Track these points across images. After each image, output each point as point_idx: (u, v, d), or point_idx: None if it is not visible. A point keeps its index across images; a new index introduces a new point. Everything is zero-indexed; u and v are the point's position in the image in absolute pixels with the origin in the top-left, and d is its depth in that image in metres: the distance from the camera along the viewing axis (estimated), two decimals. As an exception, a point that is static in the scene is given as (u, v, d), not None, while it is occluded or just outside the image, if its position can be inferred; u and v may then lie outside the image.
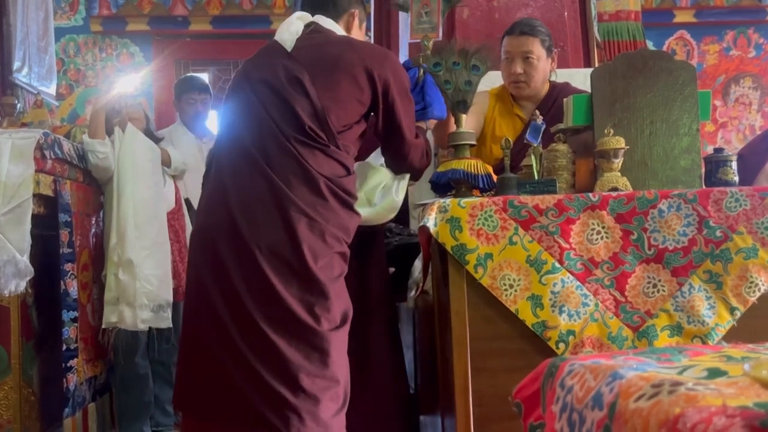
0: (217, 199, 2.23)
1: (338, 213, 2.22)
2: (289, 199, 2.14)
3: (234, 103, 2.39)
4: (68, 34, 6.15)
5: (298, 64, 2.29)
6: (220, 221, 2.19)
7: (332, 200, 2.21)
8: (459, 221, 2.19)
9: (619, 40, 4.75)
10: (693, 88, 2.39)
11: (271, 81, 2.28)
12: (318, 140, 2.21)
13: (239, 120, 2.32)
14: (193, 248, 2.35)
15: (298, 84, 2.25)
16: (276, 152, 2.20)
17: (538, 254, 2.20)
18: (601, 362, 1.29)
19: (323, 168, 2.21)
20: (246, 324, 2.10)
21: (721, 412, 0.90)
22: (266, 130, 2.23)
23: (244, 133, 2.26)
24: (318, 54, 2.31)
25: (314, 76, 2.26)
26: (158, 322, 3.49)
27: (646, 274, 2.22)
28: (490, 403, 2.17)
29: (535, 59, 2.97)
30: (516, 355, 2.19)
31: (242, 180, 2.20)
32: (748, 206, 2.24)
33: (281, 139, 2.20)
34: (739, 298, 2.22)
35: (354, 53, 2.31)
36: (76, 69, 6.15)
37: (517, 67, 2.95)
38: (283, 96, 2.24)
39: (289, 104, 2.23)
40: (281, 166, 2.18)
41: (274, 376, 2.06)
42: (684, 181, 2.36)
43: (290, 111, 2.23)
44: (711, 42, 6.48)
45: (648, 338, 2.20)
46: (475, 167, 2.40)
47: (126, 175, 3.47)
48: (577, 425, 1.24)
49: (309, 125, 2.20)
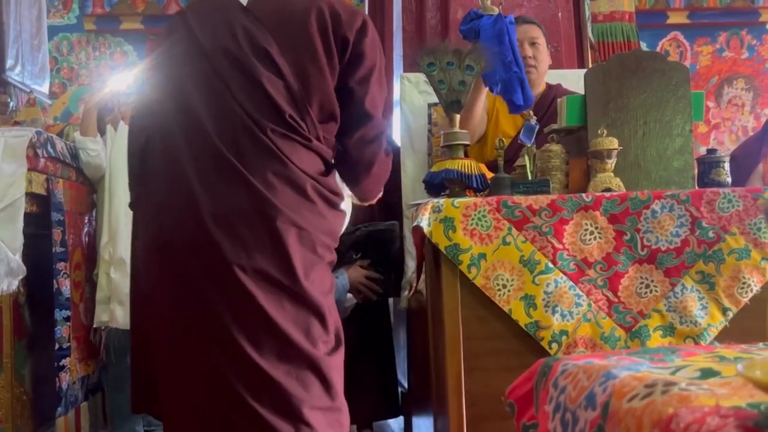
0: (181, 206, 1.82)
1: (326, 217, 1.91)
2: (273, 207, 1.78)
3: (179, 72, 1.91)
4: (61, 33, 6.12)
5: (260, 25, 1.88)
6: (190, 235, 1.80)
7: (320, 203, 1.89)
8: (452, 221, 2.19)
9: (613, 41, 4.75)
10: (686, 89, 2.40)
11: (233, 51, 1.86)
12: (299, 132, 1.86)
13: (195, 102, 1.86)
14: (148, 267, 1.89)
15: (265, 57, 1.85)
16: (251, 149, 1.81)
17: (531, 254, 2.20)
18: (595, 362, 1.29)
19: (307, 166, 1.87)
20: (236, 357, 1.75)
21: (714, 412, 0.90)
22: (236, 120, 1.82)
23: (206, 122, 1.83)
24: (279, 11, 1.91)
25: (281, 43, 1.87)
26: None
27: (639, 275, 2.23)
28: (483, 403, 2.17)
29: (541, 45, 3.09)
30: (509, 355, 2.19)
31: (213, 184, 1.80)
32: (741, 207, 2.24)
33: (256, 132, 1.81)
34: (732, 299, 2.22)
35: (322, 11, 1.90)
36: (70, 67, 6.13)
37: (527, 50, 3.00)
38: (252, 74, 1.84)
39: (261, 86, 1.83)
40: (259, 167, 1.80)
41: (273, 413, 1.75)
42: (677, 182, 2.37)
43: (263, 94, 1.83)
44: (704, 43, 6.49)
45: (641, 338, 2.21)
46: (469, 167, 2.40)
47: (118, 174, 3.45)
48: (570, 425, 1.24)
49: (289, 113, 1.84)
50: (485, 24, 2.55)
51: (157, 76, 1.97)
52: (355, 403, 3.27)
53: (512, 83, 2.52)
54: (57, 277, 3.13)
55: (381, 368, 3.36)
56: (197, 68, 1.87)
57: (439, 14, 3.58)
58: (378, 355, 3.36)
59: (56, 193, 3.17)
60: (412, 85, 3.27)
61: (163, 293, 1.83)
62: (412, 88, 3.27)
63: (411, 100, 3.28)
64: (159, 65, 1.97)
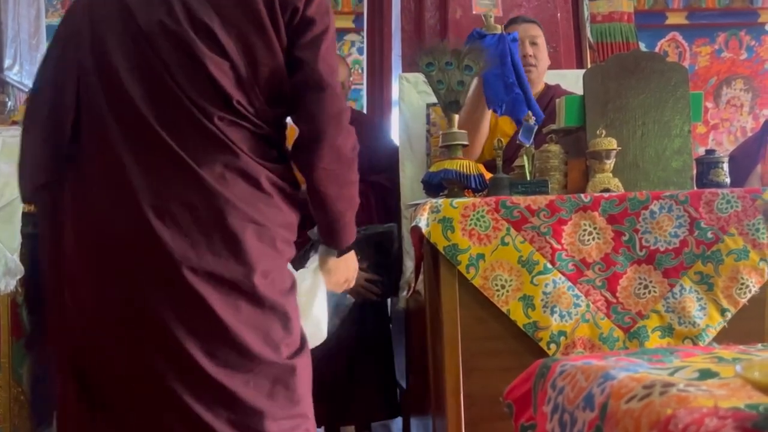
0: (117, 200, 1.61)
1: (283, 210, 1.72)
2: (227, 202, 1.60)
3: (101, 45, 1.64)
4: (60, 32, 6.13)
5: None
6: (131, 233, 1.59)
7: (276, 195, 1.70)
8: (451, 221, 2.19)
9: (612, 42, 4.76)
10: (685, 89, 2.40)
11: (170, 26, 1.61)
12: (249, 118, 1.66)
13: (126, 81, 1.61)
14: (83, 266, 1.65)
15: (206, 33, 1.62)
16: (197, 139, 1.61)
17: (530, 255, 2.20)
18: (593, 363, 1.29)
19: (260, 155, 1.69)
20: (187, 369, 1.57)
21: (713, 413, 0.90)
22: (177, 105, 1.60)
23: (141, 105, 1.60)
24: None
25: (223, 16, 1.64)
26: None
27: (638, 275, 2.23)
28: (482, 404, 2.17)
29: (541, 45, 3.08)
30: (507, 356, 2.19)
31: (156, 177, 1.59)
32: (740, 208, 2.24)
33: (201, 120, 1.60)
34: (730, 300, 2.22)
35: None
36: (68, 67, 6.14)
37: (528, 49, 3.00)
38: (193, 53, 1.60)
39: (204, 67, 1.60)
40: (207, 158, 1.60)
41: (231, 428, 1.59)
42: (675, 183, 2.37)
43: (206, 77, 1.61)
44: (703, 44, 6.50)
45: (639, 339, 2.20)
46: (468, 167, 2.40)
47: None
48: (568, 426, 1.24)
49: (237, 99, 1.63)
50: (488, 45, 2.55)
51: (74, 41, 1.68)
52: (353, 403, 3.30)
53: (517, 104, 2.52)
54: (55, 276, 3.12)
55: (380, 368, 3.36)
56: (129, 45, 1.62)
57: (438, 14, 3.58)
58: (377, 355, 3.35)
59: (54, 193, 3.16)
60: (410, 85, 3.26)
61: (100, 300, 1.62)
62: (410, 88, 3.27)
63: (410, 100, 3.28)
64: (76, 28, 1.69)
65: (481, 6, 2.99)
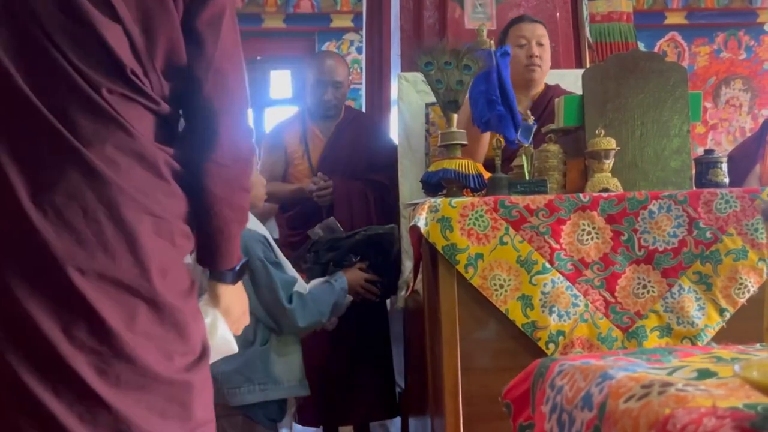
0: None
1: (181, 199, 1.49)
2: (120, 191, 1.37)
3: None
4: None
5: None
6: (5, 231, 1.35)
7: (173, 182, 1.47)
8: (450, 221, 2.19)
9: (611, 42, 4.76)
10: (684, 89, 2.40)
11: None
12: (144, 92, 1.44)
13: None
14: None
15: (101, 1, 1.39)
16: (83, 114, 1.37)
17: (528, 254, 2.20)
18: (591, 362, 1.29)
19: (158, 137, 1.47)
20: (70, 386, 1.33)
21: (711, 413, 0.90)
22: (60, 75, 1.36)
23: (16, 75, 1.35)
24: None
25: None
26: None
27: (636, 275, 2.23)
28: (480, 403, 2.17)
29: (546, 45, 3.06)
30: (506, 356, 2.19)
31: (36, 164, 1.35)
32: (738, 208, 2.24)
33: (88, 92, 1.37)
34: (729, 300, 2.22)
35: None
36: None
37: (534, 50, 2.99)
38: (79, 14, 1.37)
39: (93, 30, 1.37)
40: (96, 138, 1.37)
41: None
42: (674, 182, 2.37)
43: (96, 42, 1.38)
44: (702, 44, 6.50)
45: (637, 339, 2.20)
46: (466, 167, 2.39)
47: None
48: (566, 426, 1.24)
49: (130, 68, 1.41)
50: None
51: None
52: (352, 403, 3.30)
53: (501, 120, 2.51)
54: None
55: (378, 368, 3.36)
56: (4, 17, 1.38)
57: (437, 13, 3.57)
58: (376, 355, 3.36)
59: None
60: (409, 85, 3.26)
61: None
62: (409, 88, 3.27)
63: (409, 99, 3.28)
64: None
65: (474, 20, 2.99)
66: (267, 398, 2.42)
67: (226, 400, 2.37)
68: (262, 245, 2.44)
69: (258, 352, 2.42)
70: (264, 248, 2.44)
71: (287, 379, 2.47)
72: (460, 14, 3.57)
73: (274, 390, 2.43)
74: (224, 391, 2.36)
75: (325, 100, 3.48)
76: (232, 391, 2.37)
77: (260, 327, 2.43)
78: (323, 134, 3.55)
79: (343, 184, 3.40)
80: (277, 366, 2.45)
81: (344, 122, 3.57)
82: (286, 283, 2.45)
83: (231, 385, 2.37)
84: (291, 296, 2.43)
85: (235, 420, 2.41)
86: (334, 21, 6.38)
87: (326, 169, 3.45)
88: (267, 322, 2.44)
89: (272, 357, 2.45)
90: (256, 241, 2.43)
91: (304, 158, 3.53)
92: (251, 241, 2.40)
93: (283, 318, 2.43)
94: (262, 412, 2.43)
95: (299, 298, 2.45)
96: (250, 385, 2.39)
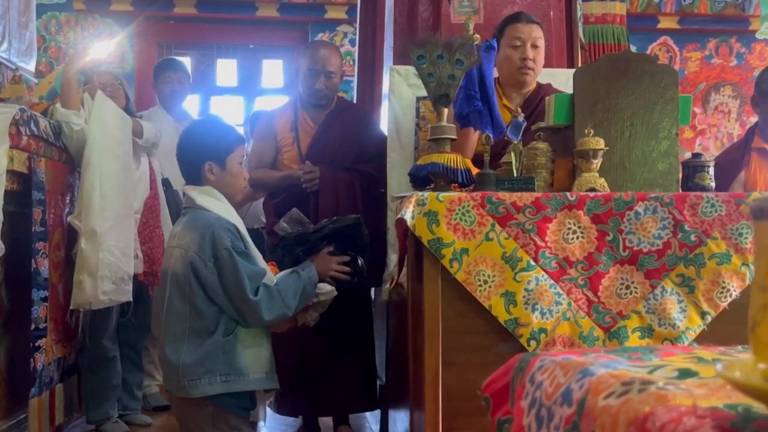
0: None
1: None
2: None
3: None
4: (50, 11, 6.07)
5: None
6: None
7: None
8: (436, 215, 2.19)
9: (604, 43, 4.77)
10: (674, 92, 2.40)
11: None
12: None
13: None
14: None
15: None
16: None
17: (513, 251, 2.20)
18: (572, 359, 1.29)
19: None
20: None
21: (691, 412, 0.89)
22: None
23: None
24: None
25: None
26: (119, 295, 3.38)
27: (620, 276, 2.23)
28: (460, 398, 2.17)
29: (541, 47, 3.03)
30: (487, 351, 2.19)
31: None
32: (724, 212, 2.25)
33: None
34: (711, 303, 2.23)
35: None
36: (57, 47, 6.08)
37: (528, 52, 2.96)
38: None
39: None
40: None
41: None
42: (661, 185, 2.37)
43: None
44: (693, 49, 6.53)
45: (619, 339, 2.21)
46: (455, 162, 2.39)
47: (94, 144, 3.31)
48: (545, 421, 1.24)
49: None
50: None
51: None
52: (332, 394, 3.30)
53: (480, 116, 2.50)
54: (35, 256, 3.10)
55: (360, 360, 3.36)
56: None
57: (431, 7, 3.56)
58: (358, 346, 3.35)
59: (38, 172, 3.13)
60: (401, 78, 3.25)
61: None
62: (401, 81, 3.26)
63: (400, 92, 3.27)
64: None
65: (460, 14, 2.97)
66: (229, 390, 2.37)
67: (186, 393, 2.35)
68: (230, 234, 2.40)
69: (221, 343, 2.37)
70: (232, 237, 2.40)
71: (253, 372, 2.41)
72: (446, 7, 3.56)
73: (237, 382, 2.39)
74: (184, 383, 2.34)
75: (317, 89, 3.47)
76: (192, 383, 2.35)
77: (223, 317, 2.39)
78: (314, 122, 3.54)
79: (329, 172, 3.39)
80: (243, 358, 2.40)
81: (335, 111, 3.56)
82: (254, 274, 2.39)
83: (191, 376, 2.34)
84: (258, 288, 2.38)
85: (206, 410, 2.38)
86: (328, 12, 6.36)
87: (314, 157, 3.44)
88: (231, 313, 2.39)
89: (238, 348, 2.40)
90: (225, 230, 2.39)
91: (294, 145, 3.52)
92: (219, 229, 2.37)
93: (247, 310, 2.37)
94: (232, 401, 2.41)
95: (266, 291, 2.39)
96: (212, 376, 2.35)
